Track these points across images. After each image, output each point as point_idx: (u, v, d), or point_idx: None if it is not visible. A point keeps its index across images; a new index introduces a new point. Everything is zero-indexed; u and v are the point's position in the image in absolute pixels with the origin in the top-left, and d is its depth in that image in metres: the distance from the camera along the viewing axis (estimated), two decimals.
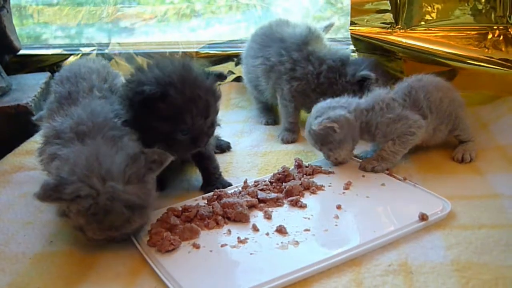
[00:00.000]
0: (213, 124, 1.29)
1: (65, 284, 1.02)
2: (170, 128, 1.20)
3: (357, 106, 1.44)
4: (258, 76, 1.81)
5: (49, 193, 1.00)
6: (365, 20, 1.85)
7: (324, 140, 1.42)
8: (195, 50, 2.29)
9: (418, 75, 1.53)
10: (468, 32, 1.77)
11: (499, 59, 1.72)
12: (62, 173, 1.03)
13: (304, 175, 1.39)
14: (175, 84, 1.19)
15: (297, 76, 1.70)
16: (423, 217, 1.14)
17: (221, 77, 1.33)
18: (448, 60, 1.78)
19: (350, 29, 1.87)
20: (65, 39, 2.53)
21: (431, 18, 1.80)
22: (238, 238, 1.11)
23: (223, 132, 1.67)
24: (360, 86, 1.64)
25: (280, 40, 1.74)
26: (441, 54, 1.78)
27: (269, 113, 1.94)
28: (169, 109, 1.18)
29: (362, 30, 1.85)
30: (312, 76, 1.68)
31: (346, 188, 1.32)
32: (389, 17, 1.83)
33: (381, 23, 1.84)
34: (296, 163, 1.45)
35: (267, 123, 1.88)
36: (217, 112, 1.29)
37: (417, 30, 1.81)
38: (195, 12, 2.47)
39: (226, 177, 1.44)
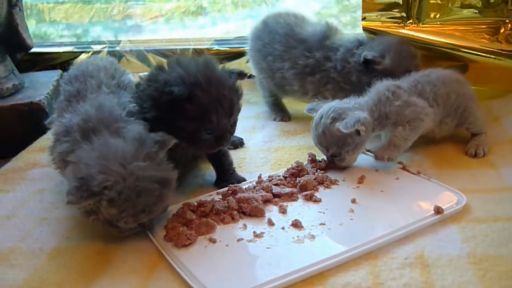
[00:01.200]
0: (235, 122, 1.30)
1: (82, 278, 1.03)
2: (196, 127, 1.21)
3: (367, 105, 1.40)
4: (286, 78, 1.78)
5: (80, 195, 1.00)
6: (376, 15, 1.84)
7: (342, 142, 1.35)
8: (205, 47, 2.29)
9: (426, 70, 1.52)
10: (480, 26, 1.76)
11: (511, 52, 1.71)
12: (80, 174, 1.04)
13: (318, 170, 1.39)
14: (201, 84, 1.19)
15: (328, 80, 1.70)
16: (438, 210, 1.14)
17: (242, 75, 1.33)
18: (460, 52, 1.77)
19: (362, 24, 1.86)
20: (75, 37, 2.54)
21: (440, 13, 1.79)
22: (254, 232, 1.11)
23: None
24: (366, 69, 1.62)
25: (302, 41, 1.74)
26: (453, 48, 1.77)
27: (280, 110, 1.94)
28: (196, 109, 1.19)
29: (373, 24, 1.85)
30: (336, 71, 1.68)
31: (360, 182, 1.32)
32: (400, 11, 1.82)
33: (392, 17, 1.83)
34: (310, 158, 1.45)
35: (281, 120, 1.88)
36: (239, 110, 1.30)
37: (429, 24, 1.80)
38: (202, 10, 2.47)
39: (240, 172, 1.44)
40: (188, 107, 1.18)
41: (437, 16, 1.79)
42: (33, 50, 2.17)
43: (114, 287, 0.99)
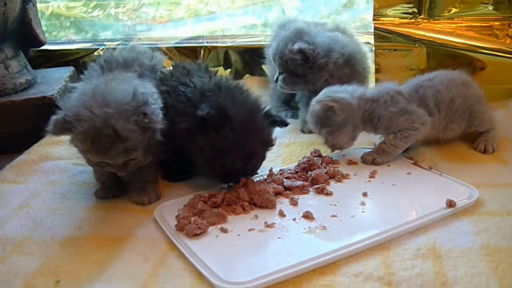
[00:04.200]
0: (255, 169, 1.31)
1: (95, 266, 1.03)
2: (211, 156, 1.22)
3: (362, 94, 1.42)
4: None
5: (56, 126, 1.12)
6: (388, 11, 1.85)
7: (324, 122, 1.40)
8: (218, 44, 2.30)
9: (431, 73, 1.51)
10: (492, 23, 1.76)
11: None
12: (65, 107, 1.15)
13: (329, 164, 1.39)
14: (234, 124, 1.20)
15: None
16: (450, 204, 1.13)
17: (282, 124, 1.34)
18: (470, 52, 1.77)
19: (374, 22, 1.86)
20: (88, 34, 2.56)
21: (454, 9, 1.79)
22: (265, 223, 1.11)
23: None
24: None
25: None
26: (464, 47, 1.78)
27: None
28: (218, 142, 1.20)
29: (385, 20, 1.85)
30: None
31: (371, 177, 1.32)
32: (412, 7, 1.82)
33: (403, 13, 1.83)
34: (316, 154, 1.45)
35: (292, 116, 1.88)
36: (263, 158, 1.31)
37: (440, 21, 1.80)
38: (210, 13, 2.49)
39: None
40: (213, 135, 1.20)
41: (450, 11, 1.79)
42: (46, 47, 2.19)
43: (126, 274, 0.99)
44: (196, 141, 1.23)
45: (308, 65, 1.67)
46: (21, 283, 0.99)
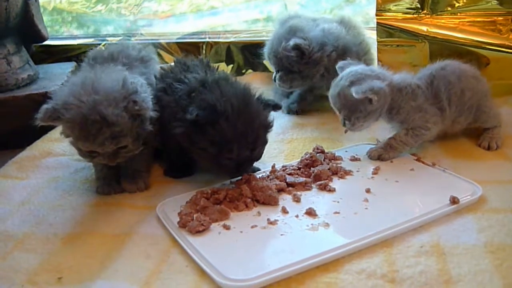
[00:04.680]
0: (260, 153, 1.29)
1: (97, 263, 1.03)
2: (216, 152, 1.21)
3: (391, 81, 1.38)
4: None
5: (45, 114, 1.15)
6: (391, 6, 1.84)
7: (354, 108, 1.34)
8: (220, 40, 2.29)
9: (442, 61, 1.49)
10: (496, 18, 1.75)
11: None
12: (56, 97, 1.18)
13: (332, 160, 1.38)
14: (228, 115, 1.18)
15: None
16: (454, 201, 1.13)
17: (276, 107, 1.33)
18: (473, 48, 1.77)
19: (377, 18, 1.85)
20: (90, 29, 2.56)
21: (457, 4, 1.78)
22: (268, 219, 1.11)
23: None
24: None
25: None
26: (467, 43, 1.77)
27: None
28: (218, 136, 1.19)
29: (388, 16, 1.84)
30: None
31: (374, 173, 1.31)
32: (415, 2, 1.81)
33: (406, 8, 1.82)
34: (319, 150, 1.44)
35: (296, 112, 1.87)
36: (266, 142, 1.29)
37: (443, 16, 1.79)
38: (213, 9, 2.49)
39: None
40: (211, 131, 1.18)
41: (454, 6, 1.78)
42: (48, 42, 2.18)
43: (129, 271, 0.99)
44: (196, 143, 1.22)
45: (304, 60, 1.68)
46: (23, 280, 0.99)
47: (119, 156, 1.21)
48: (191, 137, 1.22)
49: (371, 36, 1.88)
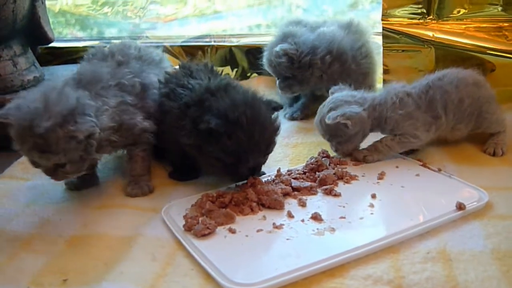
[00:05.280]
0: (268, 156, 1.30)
1: (102, 265, 1.03)
2: (232, 161, 1.20)
3: (371, 102, 1.41)
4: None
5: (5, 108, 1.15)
6: (397, 11, 1.84)
7: (335, 133, 1.40)
8: (226, 43, 2.30)
9: (440, 71, 1.49)
10: (501, 24, 1.75)
11: None
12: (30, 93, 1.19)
13: (337, 165, 1.38)
14: (243, 125, 1.17)
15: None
16: (460, 207, 1.12)
17: (278, 108, 1.33)
18: (479, 54, 1.77)
19: (382, 23, 1.85)
20: (93, 32, 2.56)
21: (463, 10, 1.78)
22: (274, 224, 1.10)
23: None
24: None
25: None
26: (473, 49, 1.77)
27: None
28: (234, 147, 1.18)
29: (393, 21, 1.84)
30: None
31: (380, 178, 1.31)
32: (421, 8, 1.81)
33: (412, 13, 1.82)
34: (324, 155, 1.44)
35: (303, 118, 1.87)
36: (275, 144, 1.30)
37: (449, 21, 1.79)
38: (216, 13, 2.49)
39: None
40: (227, 142, 1.18)
41: (459, 12, 1.78)
42: (53, 44, 2.18)
43: (134, 273, 0.99)
44: (208, 152, 1.21)
45: (295, 65, 1.68)
46: (28, 281, 0.99)
47: (58, 174, 1.18)
48: (202, 147, 1.21)
49: (376, 41, 1.87)
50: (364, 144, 1.46)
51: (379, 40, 1.90)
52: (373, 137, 1.45)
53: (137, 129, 1.31)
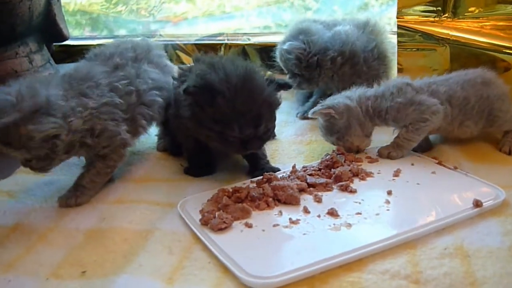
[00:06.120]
0: (268, 130, 1.28)
1: (120, 257, 1.03)
2: (220, 129, 1.22)
3: (362, 93, 1.45)
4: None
5: None
6: (412, 10, 1.83)
7: (330, 129, 1.45)
8: (239, 42, 2.30)
9: (448, 74, 1.50)
10: None
11: None
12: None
13: (353, 162, 1.38)
14: (225, 93, 1.18)
15: None
16: (477, 204, 1.12)
17: (285, 86, 1.32)
18: (494, 52, 1.75)
19: (397, 20, 1.85)
20: (106, 30, 2.58)
21: (478, 8, 1.77)
22: (290, 219, 1.11)
23: None
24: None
25: None
26: (489, 47, 1.75)
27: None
28: (218, 114, 1.20)
29: (408, 19, 1.84)
30: None
31: (395, 175, 1.31)
32: (436, 6, 1.80)
33: (427, 11, 1.82)
34: (339, 152, 1.44)
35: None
36: (274, 119, 1.29)
37: (465, 20, 1.78)
38: (226, 14, 2.50)
39: (273, 163, 1.44)
40: (210, 110, 1.20)
41: (475, 11, 1.77)
42: (67, 42, 2.20)
43: (152, 266, 1.00)
44: (201, 123, 1.23)
45: (303, 64, 1.69)
46: (47, 273, 1.00)
47: (31, 167, 1.20)
48: (199, 122, 1.23)
49: (391, 41, 1.87)
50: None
51: (394, 39, 1.90)
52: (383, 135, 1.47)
53: (118, 139, 1.29)
